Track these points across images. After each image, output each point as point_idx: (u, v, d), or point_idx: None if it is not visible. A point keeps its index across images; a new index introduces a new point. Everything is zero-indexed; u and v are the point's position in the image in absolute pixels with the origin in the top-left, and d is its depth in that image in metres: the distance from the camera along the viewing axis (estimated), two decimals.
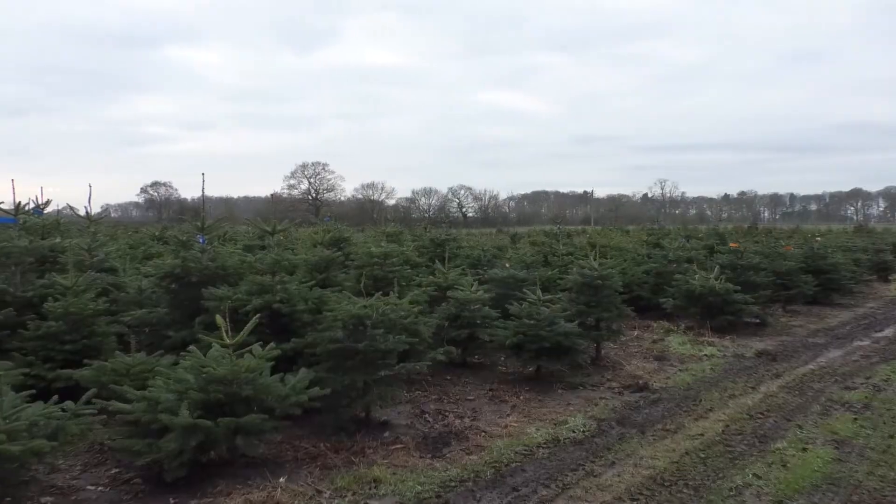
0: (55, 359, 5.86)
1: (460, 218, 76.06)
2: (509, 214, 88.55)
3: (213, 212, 8.92)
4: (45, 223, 7.82)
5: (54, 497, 4.26)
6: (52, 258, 7.20)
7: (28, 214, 7.38)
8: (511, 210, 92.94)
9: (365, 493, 4.37)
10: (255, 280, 6.60)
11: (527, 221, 74.98)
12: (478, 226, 60.67)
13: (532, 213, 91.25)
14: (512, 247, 16.83)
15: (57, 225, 8.47)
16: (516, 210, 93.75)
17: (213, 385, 4.55)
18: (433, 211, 77.74)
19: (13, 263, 6.48)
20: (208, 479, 4.49)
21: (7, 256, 6.46)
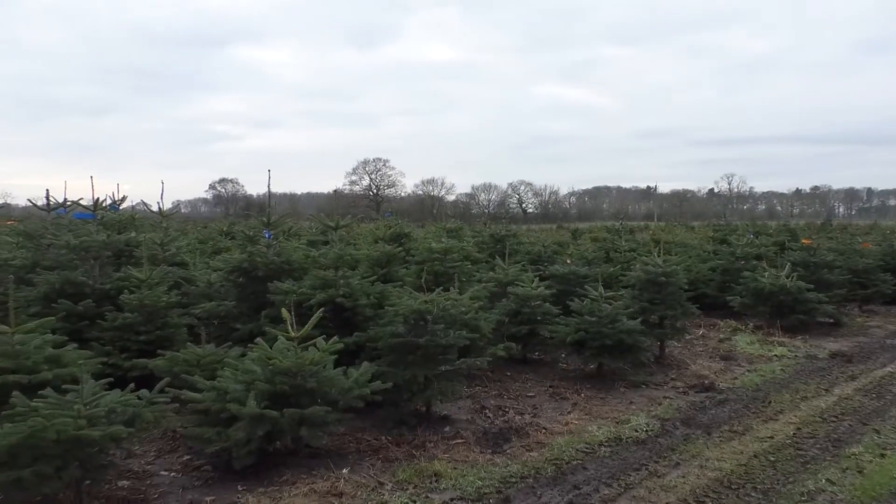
0: (131, 349, 6.11)
1: (520, 214, 75.63)
2: (569, 210, 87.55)
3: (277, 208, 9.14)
4: (121, 219, 8.17)
5: (130, 481, 4.45)
6: (127, 252, 7.50)
7: (105, 210, 7.71)
8: (571, 206, 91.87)
9: (426, 487, 4.40)
10: (319, 275, 6.73)
11: (587, 217, 74.01)
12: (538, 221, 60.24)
13: (593, 208, 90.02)
14: (573, 243, 16.64)
15: (132, 220, 8.82)
16: (577, 206, 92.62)
17: (279, 377, 4.66)
18: (493, 207, 77.53)
19: (92, 257, 6.78)
20: (274, 468, 4.61)
21: (86, 250, 6.77)
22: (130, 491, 4.27)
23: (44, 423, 3.59)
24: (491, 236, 13.17)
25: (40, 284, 6.57)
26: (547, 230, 31.71)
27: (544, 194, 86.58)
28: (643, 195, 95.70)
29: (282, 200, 70.45)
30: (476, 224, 18.74)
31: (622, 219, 20.48)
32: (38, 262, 7.36)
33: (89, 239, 6.81)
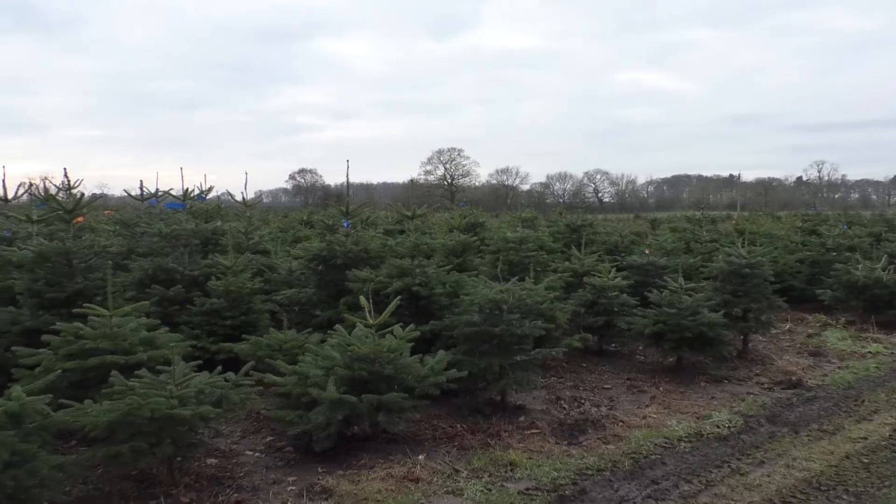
0: (217, 333, 6.38)
1: (596, 203, 74.38)
2: (647, 199, 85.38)
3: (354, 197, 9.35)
4: (208, 208, 8.52)
5: (218, 459, 4.65)
6: (214, 240, 7.82)
7: (194, 200, 8.06)
8: (649, 195, 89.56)
9: (501, 476, 4.42)
10: (395, 263, 6.83)
11: (666, 207, 71.97)
12: (614, 211, 59.05)
13: (672, 197, 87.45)
14: (651, 233, 16.24)
15: (218, 210, 9.19)
16: (655, 195, 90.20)
17: (358, 363, 4.76)
18: (568, 196, 76.43)
19: (182, 245, 7.10)
20: (353, 452, 4.72)
21: (177, 238, 7.09)
22: (218, 469, 4.46)
23: (139, 401, 3.80)
24: (566, 226, 13.00)
25: (135, 270, 6.93)
26: (624, 220, 31.07)
27: (621, 183, 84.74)
28: (725, 184, 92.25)
29: (358, 190, 71.69)
30: (551, 214, 18.54)
31: (703, 208, 19.79)
32: (133, 249, 7.78)
33: (179, 227, 7.14)
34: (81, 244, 5.86)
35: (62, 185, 7.66)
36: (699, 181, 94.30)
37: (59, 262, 5.65)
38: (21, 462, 3.38)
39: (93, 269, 5.79)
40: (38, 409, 3.59)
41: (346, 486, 4.15)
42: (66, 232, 5.82)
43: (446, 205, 38.11)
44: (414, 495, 4.09)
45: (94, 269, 5.80)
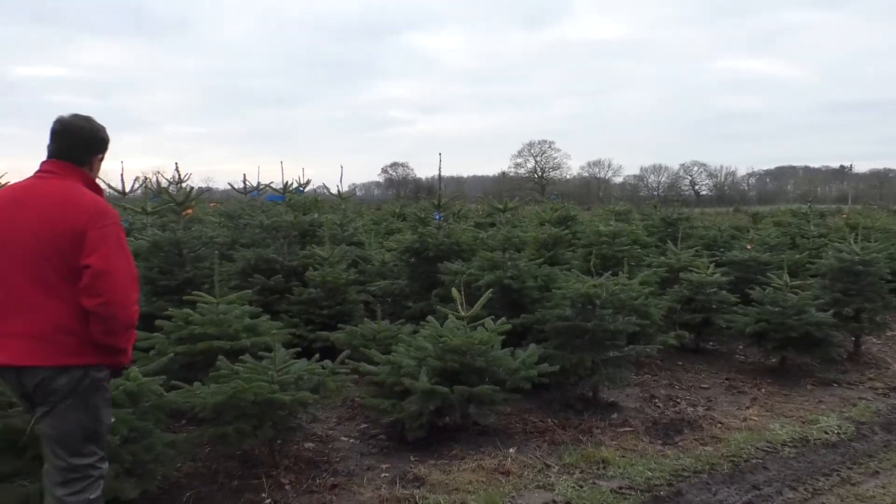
0: (314, 321, 6.60)
1: (692, 196, 71.75)
2: (748, 192, 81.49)
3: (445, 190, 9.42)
4: (305, 201, 8.81)
5: (315, 444, 4.82)
6: (311, 232, 8.08)
7: (293, 193, 8.35)
8: (750, 187, 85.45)
9: (593, 473, 4.36)
10: (487, 256, 6.84)
11: (769, 200, 68.51)
12: (712, 204, 56.78)
13: (775, 190, 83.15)
14: (753, 227, 15.52)
15: (315, 202, 9.48)
16: (756, 187, 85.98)
17: (450, 354, 4.81)
18: (663, 189, 74.16)
19: (282, 236, 7.39)
20: (444, 442, 4.78)
21: (277, 230, 7.38)
22: (315, 453, 4.63)
23: (244, 385, 3.98)
24: (661, 220, 12.63)
25: (238, 260, 7.27)
26: (723, 214, 29.84)
27: (720, 175, 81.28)
28: (835, 175, 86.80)
29: (449, 183, 72.15)
30: (645, 207, 18.06)
31: (810, 201, 18.73)
32: (236, 239, 8.16)
33: (279, 219, 7.43)
34: (191, 235, 6.20)
35: (173, 179, 8.12)
36: (805, 173, 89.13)
37: (171, 251, 6.00)
38: (138, 438, 3.62)
39: (201, 259, 6.11)
40: (152, 390, 3.84)
41: (437, 476, 4.21)
42: (177, 223, 6.17)
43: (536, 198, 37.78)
44: (504, 488, 4.10)
45: (202, 258, 6.13)
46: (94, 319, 2.67)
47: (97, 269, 2.64)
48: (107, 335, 2.71)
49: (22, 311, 2.67)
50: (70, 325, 2.68)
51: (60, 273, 2.68)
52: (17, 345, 2.67)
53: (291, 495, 3.93)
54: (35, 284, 2.67)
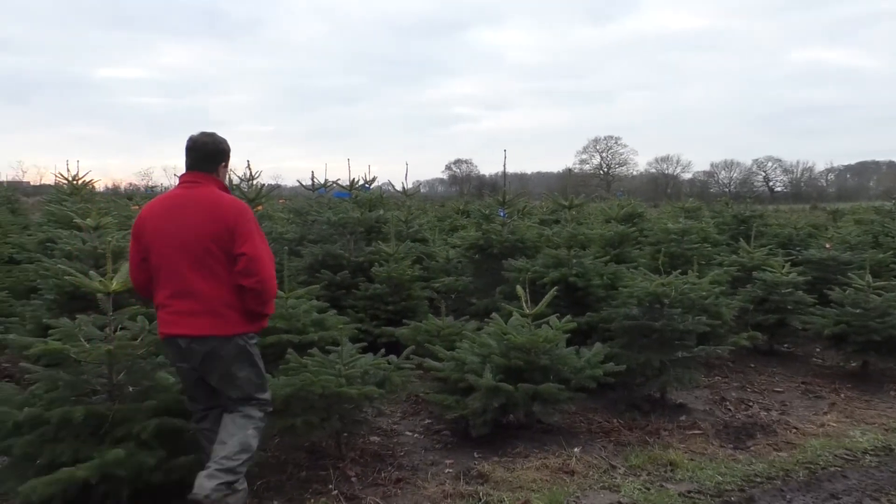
0: (380, 317, 6.69)
1: (766, 192, 69.18)
2: (827, 189, 77.90)
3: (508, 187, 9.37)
4: (371, 197, 8.91)
5: (380, 437, 4.88)
6: (377, 228, 8.18)
7: (359, 190, 8.47)
8: (829, 183, 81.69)
9: (660, 475, 4.27)
10: (551, 253, 6.78)
11: (849, 196, 65.36)
12: (787, 201, 54.54)
13: (856, 186, 79.23)
14: (832, 225, 14.86)
15: (380, 199, 9.58)
16: (836, 183, 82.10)
17: (514, 352, 4.80)
18: (734, 185, 71.68)
19: (348, 232, 7.51)
20: (508, 440, 4.77)
21: (343, 226, 7.51)
22: (380, 446, 4.69)
23: (312, 378, 4.07)
24: (733, 217, 12.23)
25: (306, 256, 7.43)
26: (799, 211, 28.68)
27: (796, 171, 78.00)
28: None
29: (513, 180, 71.56)
30: (716, 204, 17.52)
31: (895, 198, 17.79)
32: (304, 235, 8.33)
33: (346, 216, 7.55)
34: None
35: (244, 177, 8.36)
36: (890, 168, 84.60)
37: None
38: None
39: None
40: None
41: (501, 473, 4.20)
42: None
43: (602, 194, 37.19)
44: (569, 487, 4.06)
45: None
46: (250, 294, 3.43)
47: (250, 256, 3.39)
48: (260, 305, 3.49)
49: (193, 294, 3.38)
50: (232, 302, 3.42)
51: (220, 261, 3.41)
52: (193, 320, 3.38)
53: (357, 487, 4.00)
54: (201, 272, 3.39)
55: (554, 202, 9.06)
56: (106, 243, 5.75)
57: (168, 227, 3.44)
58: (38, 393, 3.65)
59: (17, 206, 13.94)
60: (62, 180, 11.84)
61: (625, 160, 74.86)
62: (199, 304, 3.38)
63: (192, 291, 3.38)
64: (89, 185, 12.10)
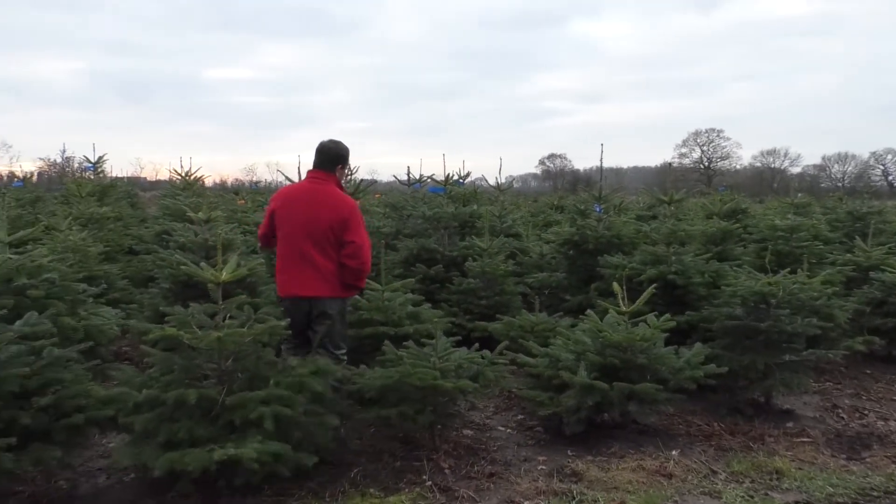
0: (473, 311, 6.72)
1: (885, 187, 64.50)
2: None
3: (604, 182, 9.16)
4: (465, 192, 8.98)
5: (473, 431, 4.92)
6: (470, 223, 8.22)
7: (453, 185, 8.54)
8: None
9: (765, 484, 4.08)
10: (649, 250, 6.61)
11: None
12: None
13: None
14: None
15: (474, 194, 9.63)
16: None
17: (610, 350, 4.71)
18: (849, 179, 67.24)
19: (443, 227, 7.59)
20: (602, 439, 4.69)
21: (438, 221, 7.59)
22: (473, 440, 4.72)
23: (408, 370, 4.15)
24: (848, 213, 11.48)
25: (402, 250, 7.57)
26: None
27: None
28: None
29: (608, 174, 69.43)
30: (828, 199, 16.51)
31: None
32: (400, 230, 8.49)
33: (440, 210, 7.62)
34: None
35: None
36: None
37: None
38: (315, 413, 3.89)
39: None
40: (326, 369, 4.10)
41: (595, 472, 4.14)
42: None
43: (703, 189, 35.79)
44: (666, 491, 3.95)
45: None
46: (350, 271, 4.50)
47: (357, 244, 4.47)
48: (358, 280, 4.62)
49: (313, 265, 4.42)
50: (336, 273, 4.48)
51: (332, 244, 4.46)
52: (314, 284, 4.44)
53: (451, 479, 4.04)
54: (318, 249, 4.43)
55: (652, 197, 8.79)
56: (216, 235, 6.06)
57: (298, 212, 4.49)
58: (155, 375, 3.89)
59: (135, 200, 14.91)
60: (176, 176, 12.57)
61: (727, 154, 71.65)
62: (316, 274, 4.41)
63: (311, 263, 4.41)
64: (200, 180, 12.79)
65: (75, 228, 7.77)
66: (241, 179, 40.96)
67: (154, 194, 22.52)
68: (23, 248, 5.18)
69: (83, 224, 9.03)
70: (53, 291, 4.81)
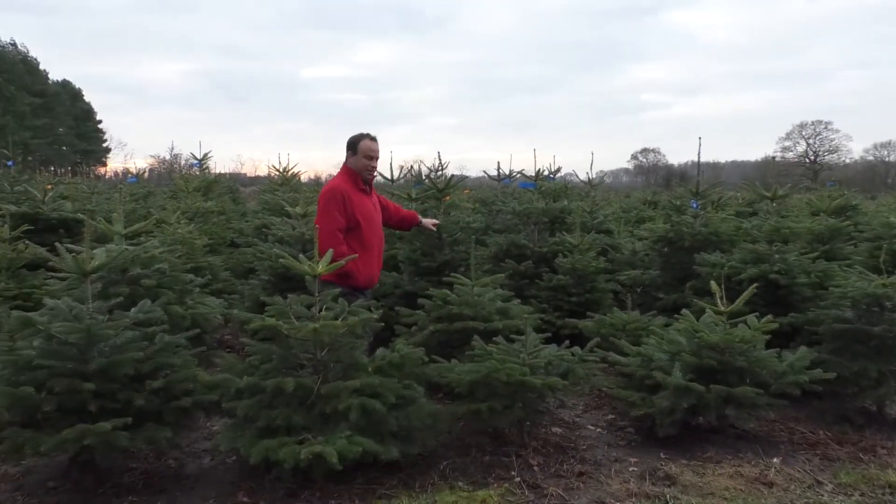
0: (563, 308, 6.64)
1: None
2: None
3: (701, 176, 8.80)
4: (555, 188, 8.86)
5: (562, 429, 4.86)
6: (560, 219, 8.11)
7: (543, 180, 8.45)
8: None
9: (877, 498, 3.83)
10: (750, 248, 6.32)
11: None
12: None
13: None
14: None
15: (564, 189, 9.51)
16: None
17: (706, 351, 4.54)
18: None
19: (532, 223, 7.53)
20: (697, 442, 4.53)
21: (528, 216, 7.54)
22: (562, 438, 4.67)
23: (497, 366, 4.15)
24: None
25: (491, 245, 7.57)
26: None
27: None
28: None
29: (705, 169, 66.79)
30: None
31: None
32: (489, 225, 8.49)
33: (530, 206, 7.57)
34: (450, 220, 6.58)
35: (433, 168, 8.67)
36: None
37: (431, 235, 6.43)
38: (404, 405, 3.96)
39: (458, 243, 6.47)
40: (414, 360, 4.16)
41: (690, 477, 4.01)
42: (438, 209, 6.58)
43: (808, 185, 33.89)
44: (767, 500, 3.78)
45: (458, 242, 6.48)
46: None
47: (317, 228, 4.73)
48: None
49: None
50: None
51: None
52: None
53: (539, 477, 4.02)
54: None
55: (753, 193, 8.39)
56: (313, 230, 6.25)
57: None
58: (255, 363, 4.07)
59: (236, 195, 15.60)
60: (274, 172, 13.04)
61: (836, 147, 67.48)
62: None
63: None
64: (297, 176, 13.23)
65: (183, 222, 8.21)
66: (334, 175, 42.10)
67: (253, 189, 23.50)
68: (136, 239, 5.52)
69: (190, 218, 9.54)
70: (164, 281, 5.10)
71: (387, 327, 4.96)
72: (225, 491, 3.85)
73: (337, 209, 4.89)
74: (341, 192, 4.94)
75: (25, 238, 6.83)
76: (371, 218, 5.13)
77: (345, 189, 4.98)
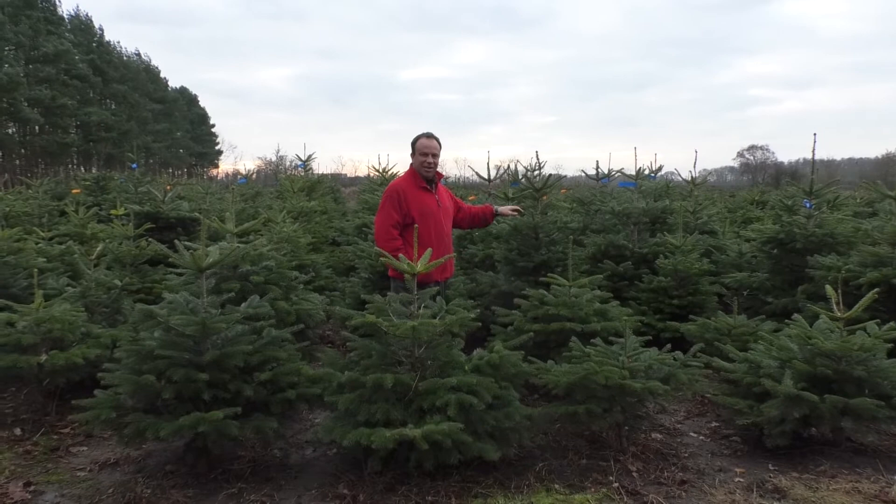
0: (663, 311, 6.45)
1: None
2: None
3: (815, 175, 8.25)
4: (656, 187, 8.61)
5: (662, 435, 4.73)
6: (661, 219, 7.89)
7: (644, 179, 8.24)
8: None
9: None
10: (870, 251, 5.93)
11: None
12: None
13: None
14: None
15: (666, 188, 9.22)
16: None
17: (820, 359, 4.29)
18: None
19: (632, 223, 7.35)
20: (809, 455, 4.29)
21: (627, 216, 7.37)
22: (662, 444, 4.54)
23: (595, 368, 4.09)
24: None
25: (589, 246, 7.45)
26: None
27: None
28: None
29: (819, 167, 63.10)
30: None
31: None
32: (587, 225, 8.36)
33: (630, 206, 7.39)
34: (547, 220, 6.53)
35: (530, 167, 8.63)
36: None
37: (528, 234, 6.41)
38: (500, 406, 3.97)
39: (555, 243, 6.41)
40: (511, 361, 4.16)
41: (801, 491, 3.80)
42: (535, 208, 6.55)
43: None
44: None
45: (555, 242, 6.42)
46: None
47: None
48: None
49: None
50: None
51: None
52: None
53: (639, 483, 3.92)
54: None
55: (875, 191, 7.83)
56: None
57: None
58: (356, 359, 4.19)
59: (337, 195, 16.10)
60: (374, 172, 13.35)
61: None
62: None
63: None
64: (395, 175, 13.49)
65: (288, 221, 8.56)
66: None
67: (353, 189, 24.15)
68: (246, 238, 5.81)
69: (294, 217, 9.94)
70: (271, 278, 5.34)
71: (483, 326, 4.98)
72: (327, 482, 3.99)
73: (392, 206, 5.20)
74: (398, 190, 5.25)
75: (147, 235, 7.34)
76: (429, 214, 5.28)
77: (403, 187, 5.28)
